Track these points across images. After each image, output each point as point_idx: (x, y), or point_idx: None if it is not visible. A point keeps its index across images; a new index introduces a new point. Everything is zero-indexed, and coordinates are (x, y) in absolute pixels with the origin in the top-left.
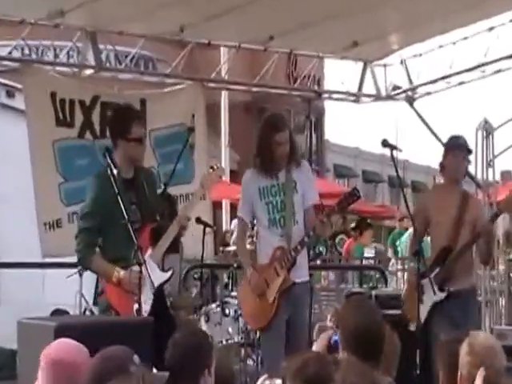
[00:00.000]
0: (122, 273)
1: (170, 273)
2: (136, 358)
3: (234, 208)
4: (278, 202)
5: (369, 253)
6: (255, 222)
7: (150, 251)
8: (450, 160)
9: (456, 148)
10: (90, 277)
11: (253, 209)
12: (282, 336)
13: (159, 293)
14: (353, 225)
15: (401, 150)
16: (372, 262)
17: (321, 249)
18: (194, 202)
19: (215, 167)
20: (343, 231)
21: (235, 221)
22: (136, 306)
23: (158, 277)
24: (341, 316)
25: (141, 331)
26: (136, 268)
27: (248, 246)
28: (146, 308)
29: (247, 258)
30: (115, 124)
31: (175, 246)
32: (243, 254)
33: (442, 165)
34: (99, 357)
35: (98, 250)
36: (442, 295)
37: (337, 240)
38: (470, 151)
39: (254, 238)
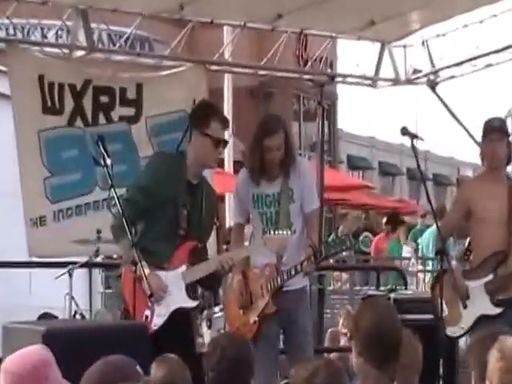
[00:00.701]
0: (147, 270)
1: (195, 303)
2: (138, 367)
3: None
4: (272, 214)
5: (408, 252)
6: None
7: (184, 267)
8: (485, 146)
9: (491, 132)
10: (80, 277)
11: (247, 210)
12: (272, 347)
13: (183, 318)
14: (384, 220)
15: (422, 139)
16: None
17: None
18: (246, 252)
19: (284, 233)
20: (367, 228)
21: None
22: (147, 312)
23: (181, 300)
24: (355, 318)
25: (137, 339)
26: (161, 273)
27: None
28: (157, 322)
29: (239, 264)
30: (195, 112)
31: (211, 283)
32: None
33: (481, 153)
34: (103, 366)
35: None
36: (496, 310)
37: (360, 238)
38: (508, 134)
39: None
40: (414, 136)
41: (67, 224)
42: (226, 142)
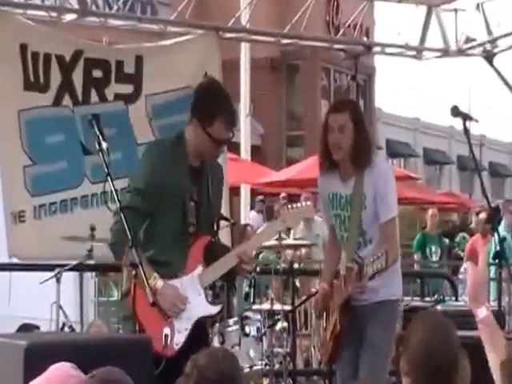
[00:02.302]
0: (160, 282)
1: (218, 308)
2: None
3: (255, 195)
4: (345, 218)
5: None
6: None
7: (200, 269)
8: None
9: None
10: (70, 283)
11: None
12: (348, 373)
13: (202, 329)
14: (482, 215)
15: (476, 121)
16: None
17: (433, 258)
18: (265, 235)
19: (303, 204)
20: (463, 228)
21: (253, 213)
22: (166, 330)
23: (201, 308)
24: (405, 334)
25: (137, 354)
26: (176, 281)
27: None
28: (180, 339)
29: (325, 274)
30: (199, 102)
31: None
32: (324, 266)
33: None
34: (100, 381)
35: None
36: None
37: (457, 239)
38: None
39: None
40: (466, 117)
41: (51, 221)
42: (230, 141)
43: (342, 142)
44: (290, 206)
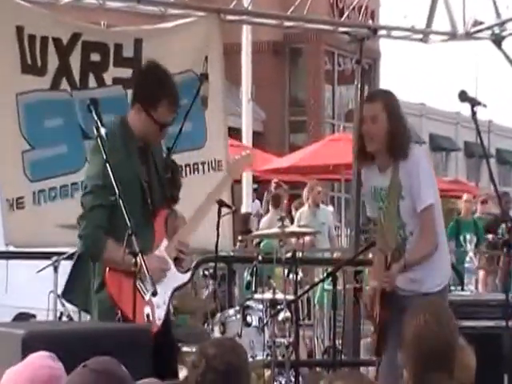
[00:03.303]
0: (148, 256)
1: (188, 274)
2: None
3: (257, 183)
4: (385, 210)
5: None
6: None
7: (165, 243)
8: None
9: None
10: (68, 272)
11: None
12: (393, 367)
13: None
14: None
15: (485, 106)
16: None
17: (468, 246)
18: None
19: (243, 153)
20: (505, 218)
21: (257, 202)
22: (147, 309)
23: (174, 277)
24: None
25: (135, 343)
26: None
27: None
28: (160, 314)
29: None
30: (142, 86)
31: None
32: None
33: None
34: (93, 371)
35: None
36: None
37: (499, 231)
38: None
39: None
40: (474, 102)
41: (50, 207)
42: (170, 125)
43: (374, 132)
44: (233, 159)
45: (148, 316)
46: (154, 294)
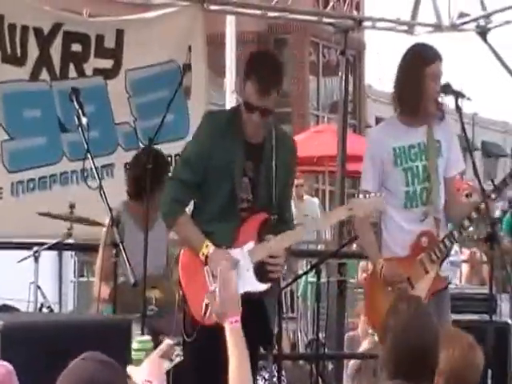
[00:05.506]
0: (213, 249)
1: (265, 286)
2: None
3: None
4: (419, 169)
5: None
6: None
7: (251, 245)
8: None
9: None
10: (49, 263)
11: (382, 179)
12: None
13: (258, 307)
14: None
15: (469, 99)
16: None
17: (455, 251)
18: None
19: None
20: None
21: None
22: (206, 301)
23: (249, 282)
24: (384, 320)
25: (116, 336)
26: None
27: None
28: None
29: (375, 248)
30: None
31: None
32: (368, 242)
33: None
34: (96, 361)
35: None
36: None
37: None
38: None
39: None
40: (458, 95)
41: (28, 199)
42: (265, 110)
43: (438, 92)
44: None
45: (207, 306)
46: (135, 284)
